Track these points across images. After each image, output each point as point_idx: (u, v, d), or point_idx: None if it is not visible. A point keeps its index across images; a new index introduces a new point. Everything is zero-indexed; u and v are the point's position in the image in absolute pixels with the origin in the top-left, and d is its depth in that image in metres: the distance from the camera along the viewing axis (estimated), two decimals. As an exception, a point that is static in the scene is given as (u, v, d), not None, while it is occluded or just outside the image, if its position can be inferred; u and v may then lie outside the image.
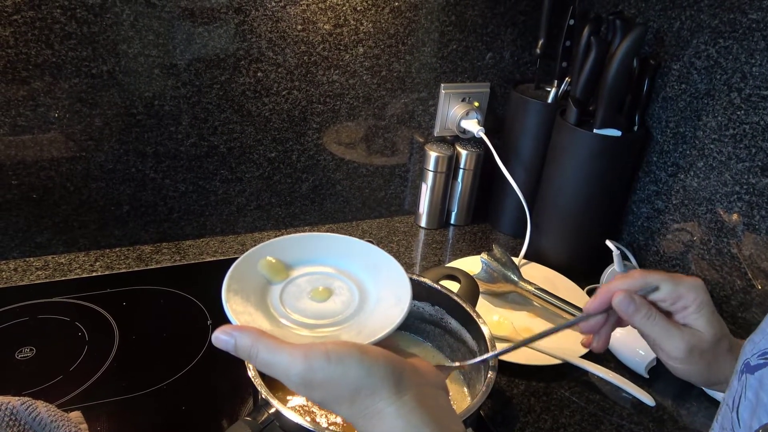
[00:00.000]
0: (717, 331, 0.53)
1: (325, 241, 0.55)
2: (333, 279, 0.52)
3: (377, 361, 0.40)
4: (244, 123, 0.92)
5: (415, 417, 0.39)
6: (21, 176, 0.83)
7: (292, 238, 0.55)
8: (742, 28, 0.78)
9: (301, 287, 0.51)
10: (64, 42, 0.78)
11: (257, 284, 0.50)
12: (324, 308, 0.49)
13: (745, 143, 0.79)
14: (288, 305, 0.49)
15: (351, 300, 0.50)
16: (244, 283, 0.49)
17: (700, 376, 0.56)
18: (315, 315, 0.49)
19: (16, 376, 0.69)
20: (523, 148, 1.02)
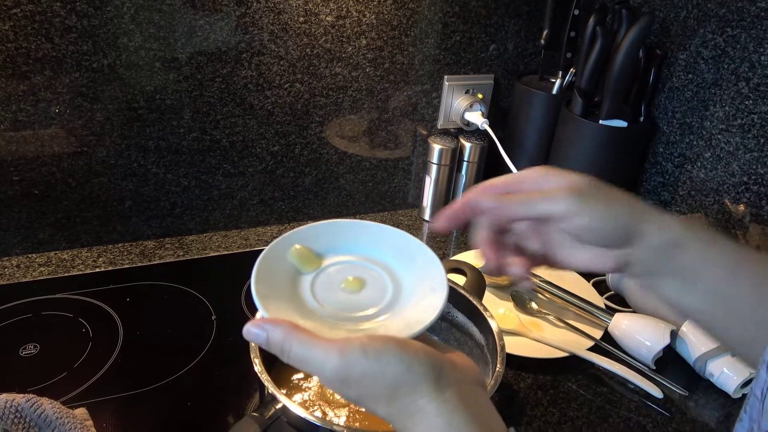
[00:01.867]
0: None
1: (356, 229, 0.52)
2: (365, 268, 0.50)
3: (417, 355, 0.38)
4: (246, 117, 0.92)
5: (457, 416, 0.38)
6: (22, 172, 0.83)
7: (322, 225, 0.52)
8: (750, 17, 0.77)
9: (333, 277, 0.48)
10: (64, 36, 0.77)
11: (287, 274, 0.48)
12: (357, 299, 0.47)
13: (753, 133, 0.79)
14: (319, 296, 0.47)
15: (385, 290, 0.48)
16: (273, 272, 0.47)
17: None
18: (348, 307, 0.46)
19: (21, 373, 0.68)
20: (528, 140, 1.02)
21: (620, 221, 0.45)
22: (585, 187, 0.45)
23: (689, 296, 0.47)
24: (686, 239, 0.46)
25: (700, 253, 0.46)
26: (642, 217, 0.45)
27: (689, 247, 0.46)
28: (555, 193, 0.45)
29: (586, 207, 0.44)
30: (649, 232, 0.45)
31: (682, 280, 0.46)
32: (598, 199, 0.45)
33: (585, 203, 0.44)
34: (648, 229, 0.45)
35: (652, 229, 0.45)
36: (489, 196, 0.47)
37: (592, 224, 0.44)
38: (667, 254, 0.46)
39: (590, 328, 0.82)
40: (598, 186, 0.46)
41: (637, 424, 0.70)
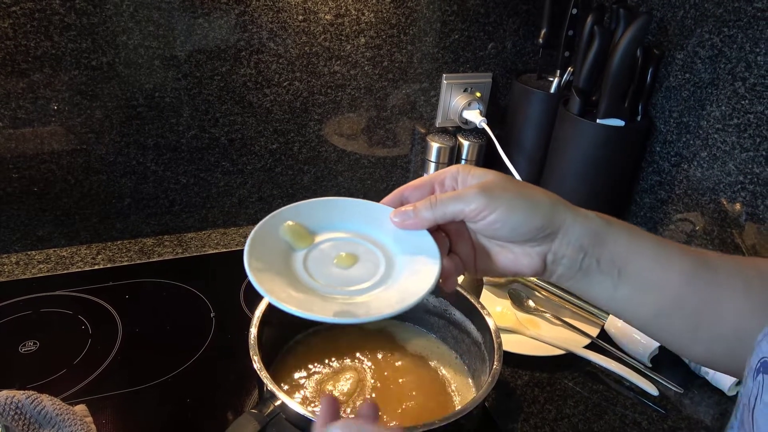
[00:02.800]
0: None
1: (349, 206, 0.52)
2: (357, 245, 0.49)
3: None
4: (245, 114, 0.92)
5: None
6: (22, 169, 0.83)
7: (314, 201, 0.51)
8: (747, 17, 0.77)
9: (325, 253, 0.48)
10: (63, 33, 0.77)
11: (280, 249, 0.47)
12: (350, 274, 0.47)
13: (749, 133, 0.79)
14: (312, 271, 0.46)
15: (377, 265, 0.48)
16: (266, 247, 0.46)
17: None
18: (341, 281, 0.46)
19: (20, 369, 0.69)
20: (526, 139, 1.02)
21: (536, 214, 0.44)
22: (496, 183, 0.45)
23: (620, 291, 0.46)
24: (608, 232, 0.45)
25: (624, 245, 0.45)
26: (559, 211, 0.45)
27: (612, 239, 0.45)
28: (465, 192, 0.44)
29: (496, 202, 0.43)
30: (568, 225, 0.44)
31: (610, 274, 0.45)
32: (510, 193, 0.44)
33: (495, 198, 0.43)
34: (567, 223, 0.44)
35: (571, 223, 0.45)
36: (412, 190, 0.48)
37: (506, 218, 0.43)
38: (591, 248, 0.45)
39: (587, 326, 0.82)
40: (510, 181, 0.45)
41: (632, 422, 0.70)
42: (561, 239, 0.45)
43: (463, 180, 0.46)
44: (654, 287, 0.46)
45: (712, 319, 0.46)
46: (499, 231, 0.45)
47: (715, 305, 0.45)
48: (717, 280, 0.46)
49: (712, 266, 0.46)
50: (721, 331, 0.46)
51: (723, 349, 0.46)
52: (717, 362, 0.49)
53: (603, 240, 0.45)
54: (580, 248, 0.45)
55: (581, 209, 0.46)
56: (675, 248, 0.47)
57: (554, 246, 0.45)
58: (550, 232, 0.44)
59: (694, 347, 0.48)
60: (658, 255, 0.46)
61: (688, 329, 0.47)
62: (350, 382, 0.64)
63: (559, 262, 0.46)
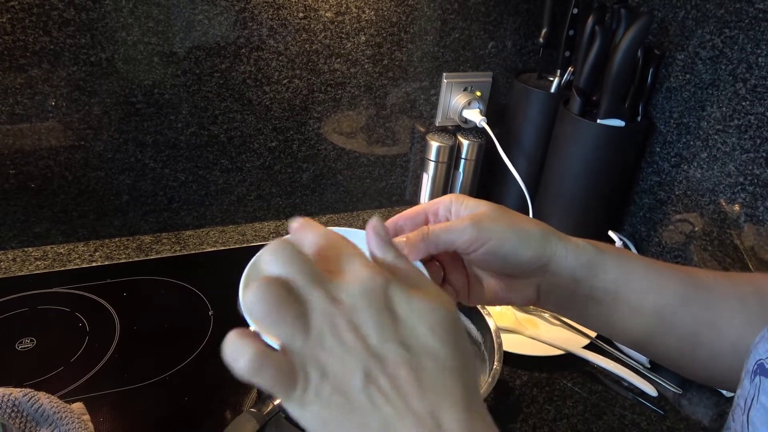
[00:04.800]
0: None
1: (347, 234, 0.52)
2: None
3: None
4: (244, 112, 0.91)
5: None
6: (19, 165, 0.82)
7: None
8: (749, 18, 0.77)
9: None
10: (62, 29, 0.76)
11: None
12: None
13: (750, 134, 0.79)
14: None
15: None
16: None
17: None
18: None
19: (17, 367, 0.68)
20: (526, 138, 1.02)
21: (527, 246, 0.44)
22: (487, 214, 0.44)
23: (614, 317, 0.46)
24: (601, 260, 0.45)
25: (617, 272, 0.46)
26: (551, 242, 0.45)
27: (605, 267, 0.45)
28: (457, 223, 0.44)
29: (487, 234, 0.43)
30: (560, 256, 0.44)
31: (605, 301, 0.46)
32: (501, 225, 0.44)
33: (487, 231, 0.43)
34: (559, 254, 0.44)
35: (563, 254, 0.44)
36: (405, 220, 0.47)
37: (497, 250, 0.43)
38: (584, 277, 0.45)
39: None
40: (502, 212, 0.45)
41: (631, 422, 0.70)
42: (553, 271, 0.45)
43: (456, 210, 0.46)
44: (649, 311, 0.46)
45: (709, 338, 0.46)
46: (491, 263, 0.45)
47: (712, 324, 0.46)
48: (712, 299, 0.46)
49: (705, 286, 0.46)
50: (720, 349, 0.46)
51: (722, 366, 0.47)
52: (716, 380, 0.50)
53: (595, 269, 0.45)
54: (573, 278, 0.45)
55: (573, 239, 0.46)
56: (667, 270, 0.47)
57: (547, 277, 0.45)
58: (542, 264, 0.44)
59: (692, 366, 0.48)
60: (651, 279, 0.46)
61: (685, 349, 0.47)
62: (349, 382, 0.63)
63: (553, 292, 0.46)
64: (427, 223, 0.48)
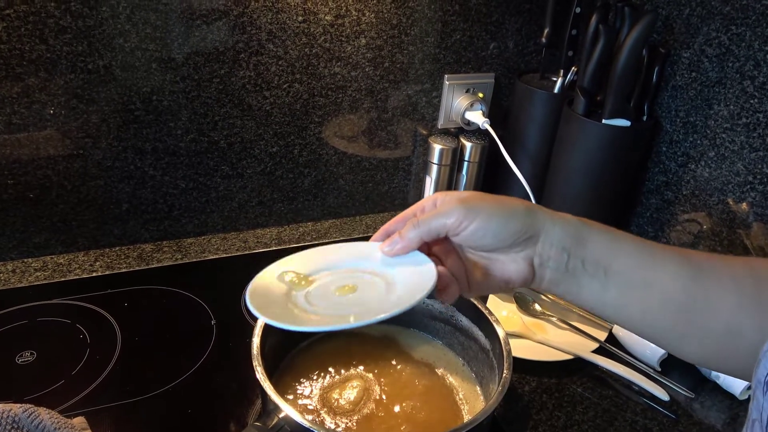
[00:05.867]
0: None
1: (340, 249, 0.54)
2: (356, 277, 0.51)
3: None
4: (244, 117, 0.90)
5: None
6: (17, 175, 0.81)
7: (305, 252, 0.54)
8: (756, 15, 0.76)
9: (325, 287, 0.50)
10: (58, 36, 0.75)
11: (280, 291, 0.50)
12: (353, 298, 0.49)
13: (758, 132, 0.78)
14: (315, 303, 0.48)
15: (377, 289, 0.50)
16: (267, 290, 0.49)
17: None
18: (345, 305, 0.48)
19: (17, 381, 0.67)
20: (529, 139, 1.01)
21: (513, 218, 0.47)
22: (473, 195, 0.48)
23: (608, 292, 0.48)
24: (589, 232, 0.48)
25: (606, 245, 0.48)
26: (536, 215, 0.47)
27: (593, 239, 0.47)
28: (444, 207, 0.47)
29: (474, 211, 0.46)
30: (548, 227, 0.47)
31: (596, 275, 0.47)
32: (487, 202, 0.47)
33: (474, 208, 0.46)
34: (546, 225, 0.47)
35: (550, 225, 0.47)
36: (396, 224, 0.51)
37: (486, 225, 0.46)
38: (573, 248, 0.47)
39: (594, 330, 0.81)
40: (487, 194, 0.49)
41: (643, 427, 0.69)
42: (543, 241, 0.47)
43: (442, 201, 0.49)
44: (640, 285, 0.47)
45: (702, 316, 0.46)
46: (482, 239, 0.47)
47: (706, 304, 0.46)
48: (706, 279, 0.46)
49: (697, 264, 0.47)
50: (712, 328, 0.46)
51: (715, 346, 0.47)
52: (710, 360, 0.50)
53: (584, 240, 0.47)
54: (563, 249, 0.47)
55: (559, 213, 0.48)
56: (658, 247, 0.48)
57: (538, 248, 0.47)
58: (530, 235, 0.47)
59: (685, 345, 0.49)
60: (642, 254, 0.47)
61: (678, 327, 0.47)
62: (357, 390, 0.62)
63: (546, 265, 0.48)
64: None
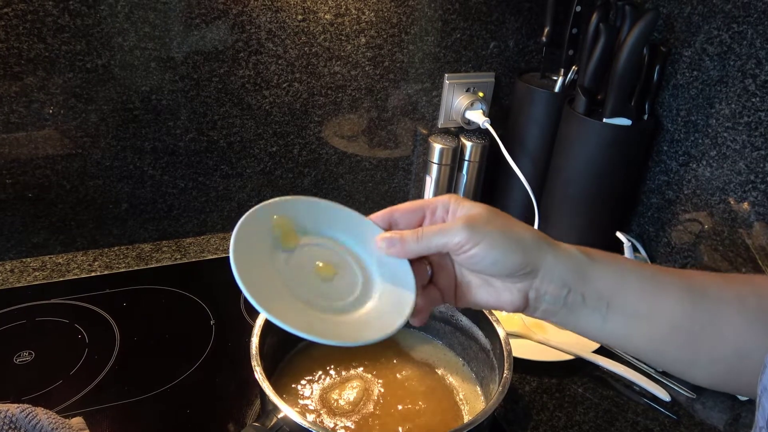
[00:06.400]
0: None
1: (341, 215, 0.51)
2: (340, 257, 0.50)
3: None
4: (244, 117, 0.90)
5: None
6: (15, 175, 0.81)
7: (310, 201, 0.51)
8: (757, 12, 0.76)
9: (307, 258, 0.49)
10: (57, 35, 0.75)
11: (265, 244, 0.47)
12: (326, 288, 0.48)
13: (760, 131, 0.77)
14: (292, 274, 0.47)
15: (354, 285, 0.49)
16: (252, 239, 0.46)
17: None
18: (315, 293, 0.47)
19: (15, 381, 0.67)
20: (530, 139, 1.00)
21: (516, 250, 0.44)
22: (481, 216, 0.45)
23: (609, 324, 0.46)
24: (593, 268, 0.45)
25: (610, 280, 0.46)
26: (541, 249, 0.45)
27: (598, 275, 0.45)
28: (450, 225, 0.45)
29: (478, 236, 0.44)
30: (550, 263, 0.45)
31: (598, 309, 0.45)
32: (493, 228, 0.45)
33: (478, 233, 0.44)
34: (549, 261, 0.45)
35: (552, 261, 0.45)
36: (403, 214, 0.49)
37: (486, 253, 0.44)
38: (575, 284, 0.45)
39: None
40: (497, 216, 0.46)
41: (644, 428, 0.69)
42: (542, 277, 0.45)
43: (453, 211, 0.47)
44: (645, 319, 0.46)
45: (710, 342, 0.45)
46: (479, 265, 0.45)
47: (712, 329, 0.45)
48: (711, 303, 0.45)
49: (704, 290, 0.46)
50: (721, 352, 0.45)
51: (724, 369, 0.46)
52: (719, 383, 0.49)
53: (587, 276, 0.45)
54: (563, 285, 0.45)
55: (564, 246, 0.46)
56: (664, 277, 0.46)
57: (536, 283, 0.45)
58: (530, 270, 0.45)
59: (694, 371, 0.48)
60: (646, 286, 0.46)
61: (686, 354, 0.46)
62: (356, 391, 0.62)
63: (542, 299, 0.46)
64: (422, 221, 0.49)
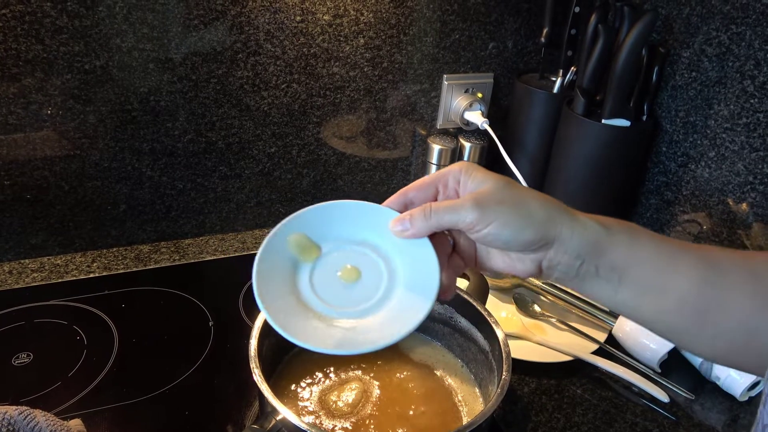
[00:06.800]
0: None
1: (352, 210, 0.51)
2: (361, 255, 0.50)
3: None
4: (242, 118, 0.90)
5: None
6: (14, 176, 0.81)
7: (318, 208, 0.51)
8: (756, 14, 0.76)
9: (330, 266, 0.49)
10: (55, 37, 0.75)
11: (286, 267, 0.48)
12: (353, 294, 0.48)
13: (759, 132, 0.77)
14: (318, 289, 0.48)
15: (379, 282, 0.48)
16: (273, 265, 0.47)
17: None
18: (343, 302, 0.47)
19: (13, 383, 0.67)
20: (529, 140, 1.00)
21: (529, 228, 0.44)
22: (492, 193, 0.44)
23: (620, 295, 0.46)
24: (608, 240, 0.45)
25: (624, 252, 0.45)
26: (555, 223, 0.44)
27: (612, 247, 0.45)
28: (460, 204, 0.44)
29: (490, 216, 0.43)
30: (565, 236, 0.44)
31: (609, 280, 0.46)
32: (504, 206, 0.44)
33: (489, 213, 0.43)
34: (564, 234, 0.44)
35: (568, 234, 0.44)
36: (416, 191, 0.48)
37: (498, 232, 0.43)
38: (589, 258, 0.45)
39: (594, 331, 0.81)
40: (507, 190, 0.45)
41: (643, 429, 0.69)
42: (557, 249, 0.45)
43: (464, 183, 0.47)
44: (655, 291, 0.46)
45: (717, 317, 0.45)
46: (492, 243, 0.45)
47: (721, 304, 0.45)
48: (722, 279, 0.45)
49: (718, 267, 0.45)
50: (727, 327, 0.45)
51: (729, 344, 0.46)
52: (722, 357, 0.49)
53: (602, 249, 0.45)
54: (577, 257, 0.45)
55: (580, 217, 0.46)
56: (678, 251, 0.46)
57: (550, 254, 0.45)
58: (544, 244, 0.45)
59: (698, 344, 0.48)
60: (660, 261, 0.46)
61: (691, 327, 0.46)
62: (355, 393, 0.62)
63: (555, 268, 0.46)
64: (437, 196, 0.48)
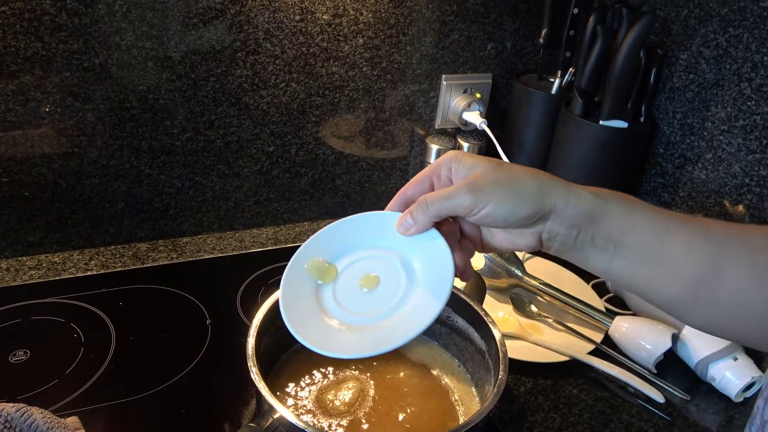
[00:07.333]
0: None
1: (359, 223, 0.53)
2: (377, 260, 0.51)
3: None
4: (241, 117, 0.90)
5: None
6: (12, 173, 0.81)
7: (326, 231, 0.53)
8: (753, 17, 0.76)
9: (351, 279, 0.51)
10: (54, 34, 0.75)
11: (309, 292, 0.51)
12: (376, 300, 0.49)
13: (755, 134, 0.78)
14: (344, 304, 0.50)
15: (398, 282, 0.50)
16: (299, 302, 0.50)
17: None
18: (368, 308, 0.49)
19: (10, 380, 0.67)
20: (527, 140, 1.01)
21: (524, 204, 0.45)
22: (484, 176, 0.46)
23: (615, 263, 0.47)
24: (603, 210, 0.46)
25: (619, 222, 0.46)
26: (549, 196, 0.46)
27: (607, 217, 0.46)
28: (455, 190, 0.46)
29: (485, 198, 0.45)
30: (560, 208, 0.46)
31: (605, 249, 0.47)
32: (498, 186, 0.45)
33: (484, 195, 0.45)
34: (559, 206, 0.46)
35: (563, 205, 0.46)
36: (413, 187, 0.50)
37: (495, 212, 0.45)
38: (584, 227, 0.46)
39: (590, 332, 0.81)
40: (499, 170, 0.46)
41: (638, 429, 0.69)
42: (554, 220, 0.46)
43: (455, 171, 0.48)
44: (650, 260, 0.47)
45: (712, 287, 0.45)
46: (492, 223, 0.47)
47: (716, 275, 0.45)
48: (719, 250, 0.45)
49: (714, 237, 0.46)
50: (722, 298, 0.45)
51: (723, 315, 0.46)
52: (717, 328, 0.49)
53: (596, 218, 0.46)
54: (572, 226, 0.46)
55: (575, 188, 0.47)
56: (675, 220, 0.47)
57: (548, 225, 0.47)
58: (541, 217, 0.46)
59: (691, 314, 0.48)
60: (655, 230, 0.46)
61: (686, 297, 0.47)
62: (352, 392, 0.62)
63: (554, 240, 0.48)
64: (433, 188, 0.50)
